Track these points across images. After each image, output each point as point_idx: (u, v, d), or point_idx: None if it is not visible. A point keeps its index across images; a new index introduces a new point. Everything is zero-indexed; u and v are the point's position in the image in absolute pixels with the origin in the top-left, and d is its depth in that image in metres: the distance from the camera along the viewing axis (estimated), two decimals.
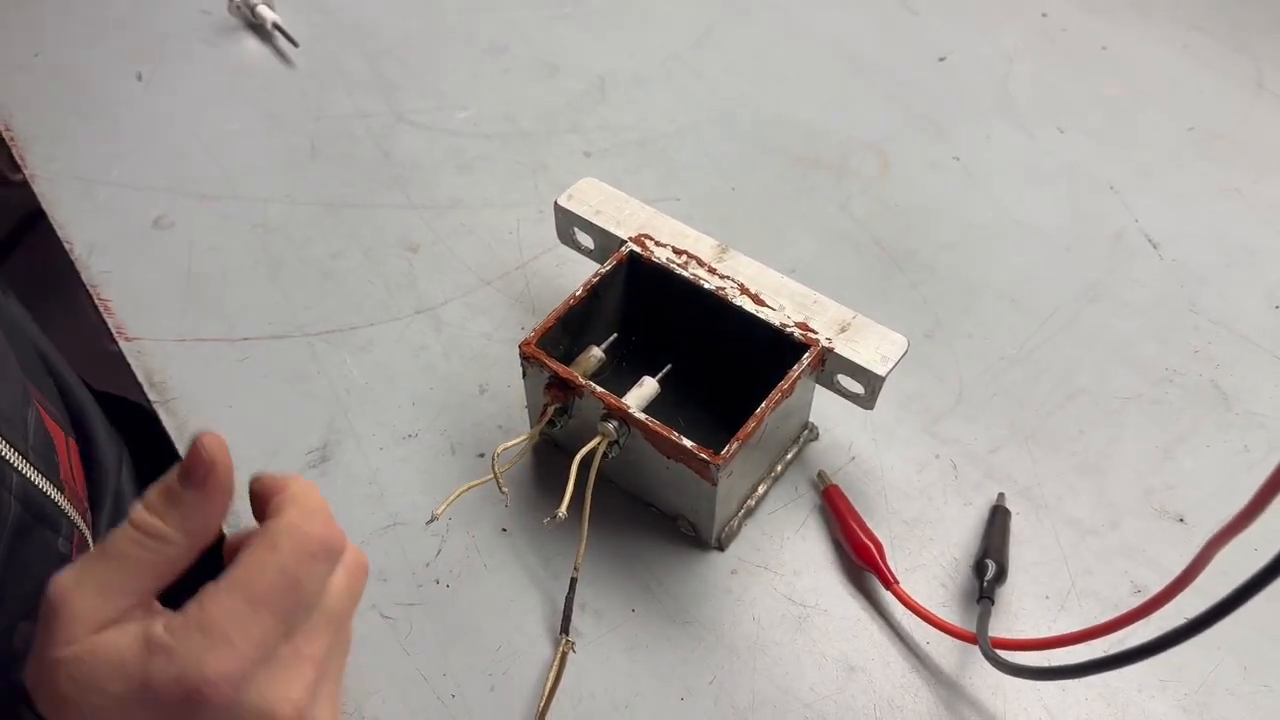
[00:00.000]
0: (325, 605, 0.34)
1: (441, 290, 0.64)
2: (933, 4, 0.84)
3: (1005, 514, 0.54)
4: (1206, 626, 0.36)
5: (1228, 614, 0.35)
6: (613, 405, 0.50)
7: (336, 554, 0.35)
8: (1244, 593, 0.34)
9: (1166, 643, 0.37)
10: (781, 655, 0.50)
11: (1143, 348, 0.62)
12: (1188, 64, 0.80)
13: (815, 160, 0.72)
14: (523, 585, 0.52)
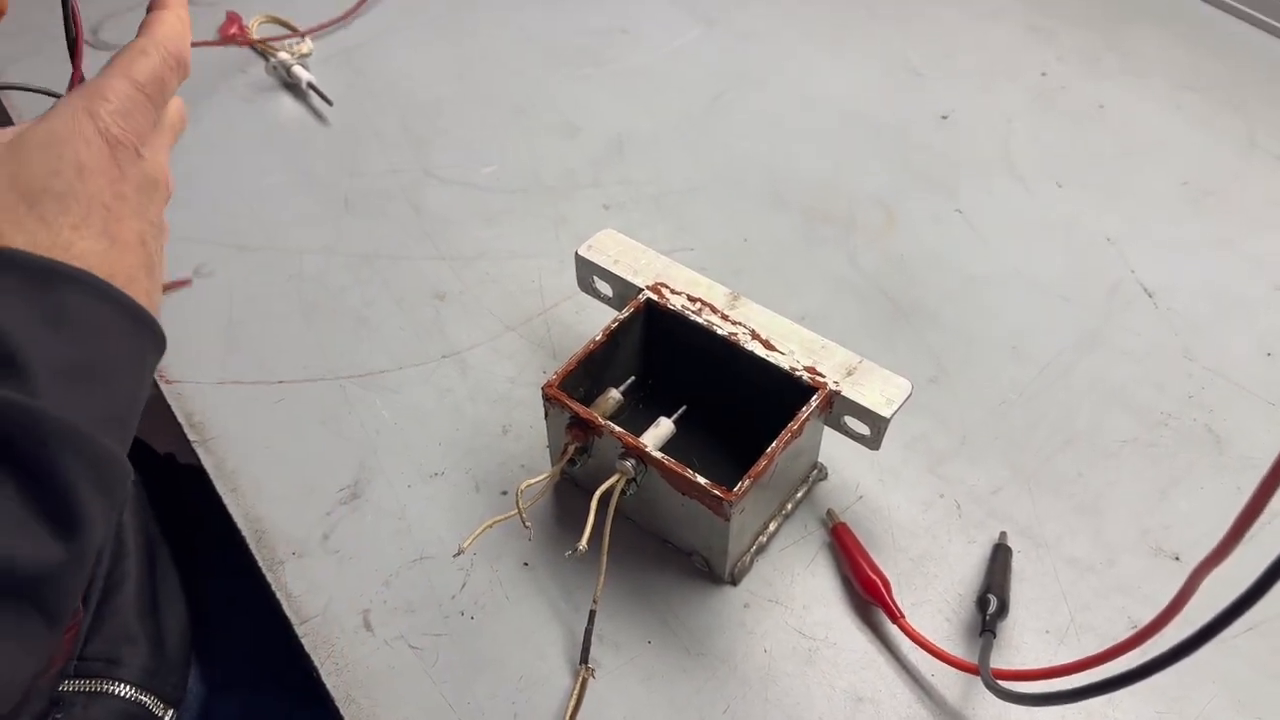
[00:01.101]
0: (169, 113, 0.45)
1: (468, 336, 0.67)
2: (936, 65, 0.88)
3: (1007, 551, 0.56)
4: (1190, 651, 0.38)
5: (1208, 640, 0.38)
6: (630, 444, 0.52)
7: (186, 72, 0.45)
8: (1222, 620, 0.37)
9: (1153, 668, 0.40)
10: (792, 686, 0.52)
11: (1139, 393, 0.64)
12: (1182, 122, 0.83)
13: (824, 214, 0.75)
14: (544, 617, 0.55)
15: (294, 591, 0.56)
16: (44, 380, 0.35)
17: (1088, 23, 0.92)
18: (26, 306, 0.36)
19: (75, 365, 0.37)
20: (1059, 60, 0.88)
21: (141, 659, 0.57)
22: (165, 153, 0.44)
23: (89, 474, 0.35)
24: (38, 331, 0.36)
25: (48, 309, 0.37)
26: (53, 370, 0.36)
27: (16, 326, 0.35)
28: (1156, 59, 0.89)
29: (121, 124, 0.41)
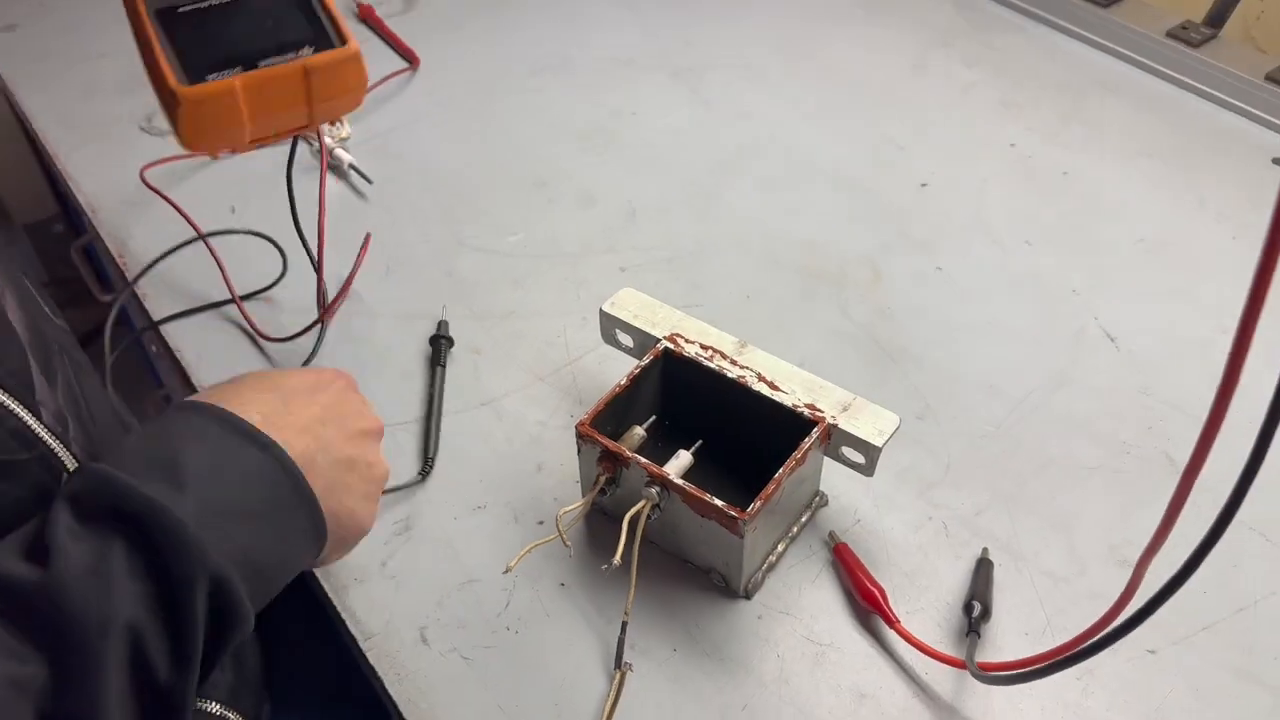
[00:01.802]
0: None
1: (502, 386, 0.75)
2: (915, 139, 0.97)
3: (989, 565, 0.64)
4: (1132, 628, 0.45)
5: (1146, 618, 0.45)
6: (655, 473, 0.60)
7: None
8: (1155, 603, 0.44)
9: (1105, 643, 0.47)
10: (802, 686, 0.59)
11: (1103, 425, 0.72)
12: (1139, 185, 0.92)
13: (817, 272, 0.84)
14: (580, 630, 0.61)
15: (358, 612, 0.63)
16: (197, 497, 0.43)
17: (1052, 98, 1.02)
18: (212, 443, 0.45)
19: (229, 504, 0.44)
20: (1027, 131, 0.98)
21: (227, 680, 0.64)
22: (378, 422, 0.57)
23: (223, 605, 0.43)
24: (211, 467, 0.44)
25: (226, 451, 0.45)
26: (209, 499, 0.43)
27: (193, 456, 0.44)
28: (1114, 130, 0.98)
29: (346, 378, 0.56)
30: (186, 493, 0.43)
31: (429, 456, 0.70)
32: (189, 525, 0.42)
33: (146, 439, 0.46)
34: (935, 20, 1.13)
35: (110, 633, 0.39)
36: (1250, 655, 0.60)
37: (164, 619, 0.41)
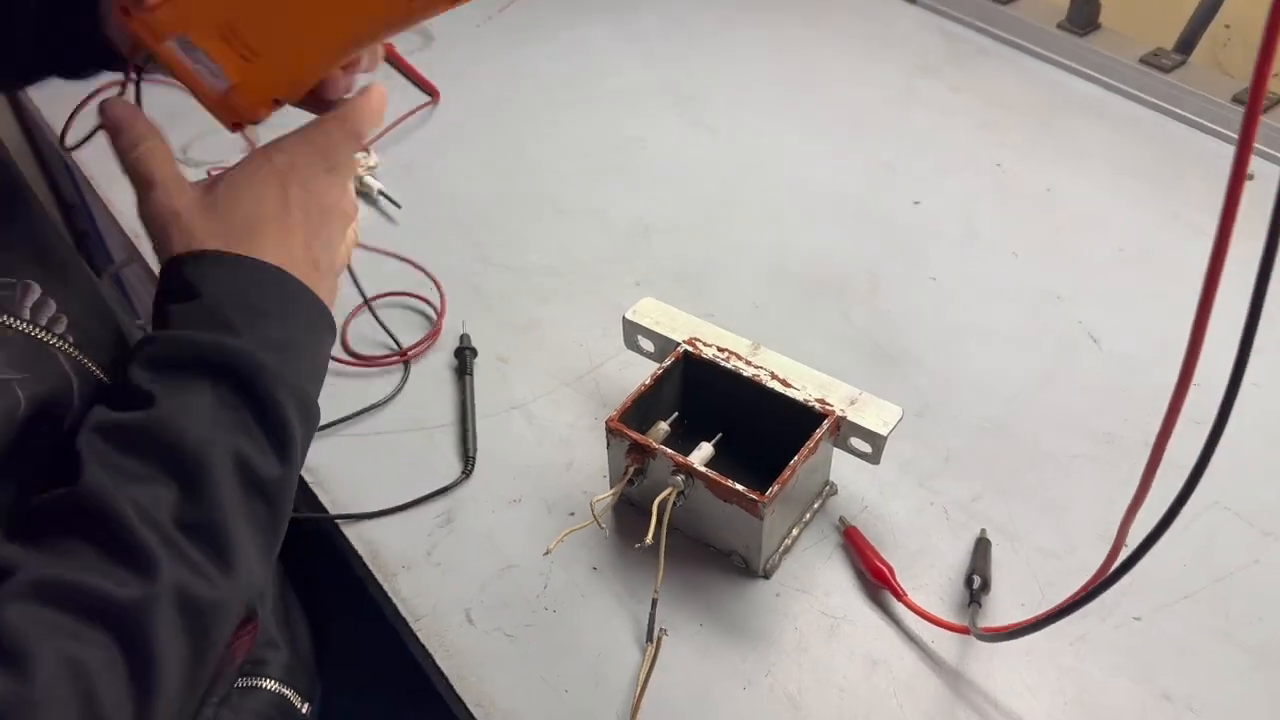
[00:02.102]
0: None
1: (530, 392, 0.81)
2: (909, 161, 1.04)
3: (987, 543, 0.69)
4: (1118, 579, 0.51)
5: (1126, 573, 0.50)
6: (680, 463, 0.66)
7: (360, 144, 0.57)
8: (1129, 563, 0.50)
9: (1089, 597, 0.52)
10: (819, 654, 0.64)
11: (1088, 418, 0.78)
12: (1116, 200, 0.98)
13: (820, 283, 0.90)
14: (613, 609, 0.67)
15: (407, 596, 0.68)
16: (251, 334, 0.49)
17: (1034, 120, 1.08)
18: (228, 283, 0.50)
19: (273, 335, 0.50)
20: (1011, 151, 1.04)
21: (282, 660, 0.69)
22: (338, 188, 0.56)
23: (298, 406, 0.49)
24: (242, 304, 0.50)
25: (244, 286, 0.50)
26: (261, 328, 0.50)
27: (221, 298, 0.49)
28: (1093, 150, 1.05)
29: (288, 163, 0.54)
30: (237, 329, 0.49)
31: (469, 456, 0.75)
32: (254, 354, 0.49)
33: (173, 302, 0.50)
34: (923, 50, 1.20)
35: (216, 456, 0.46)
36: (1227, 620, 0.66)
37: (262, 433, 0.49)
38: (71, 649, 0.41)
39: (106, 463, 0.45)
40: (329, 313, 0.54)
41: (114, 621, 0.42)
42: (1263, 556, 0.69)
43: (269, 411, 0.49)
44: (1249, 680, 0.63)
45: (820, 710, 0.61)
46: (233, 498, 0.47)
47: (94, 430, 0.46)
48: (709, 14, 1.27)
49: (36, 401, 0.48)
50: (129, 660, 0.42)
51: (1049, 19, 1.17)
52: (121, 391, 0.48)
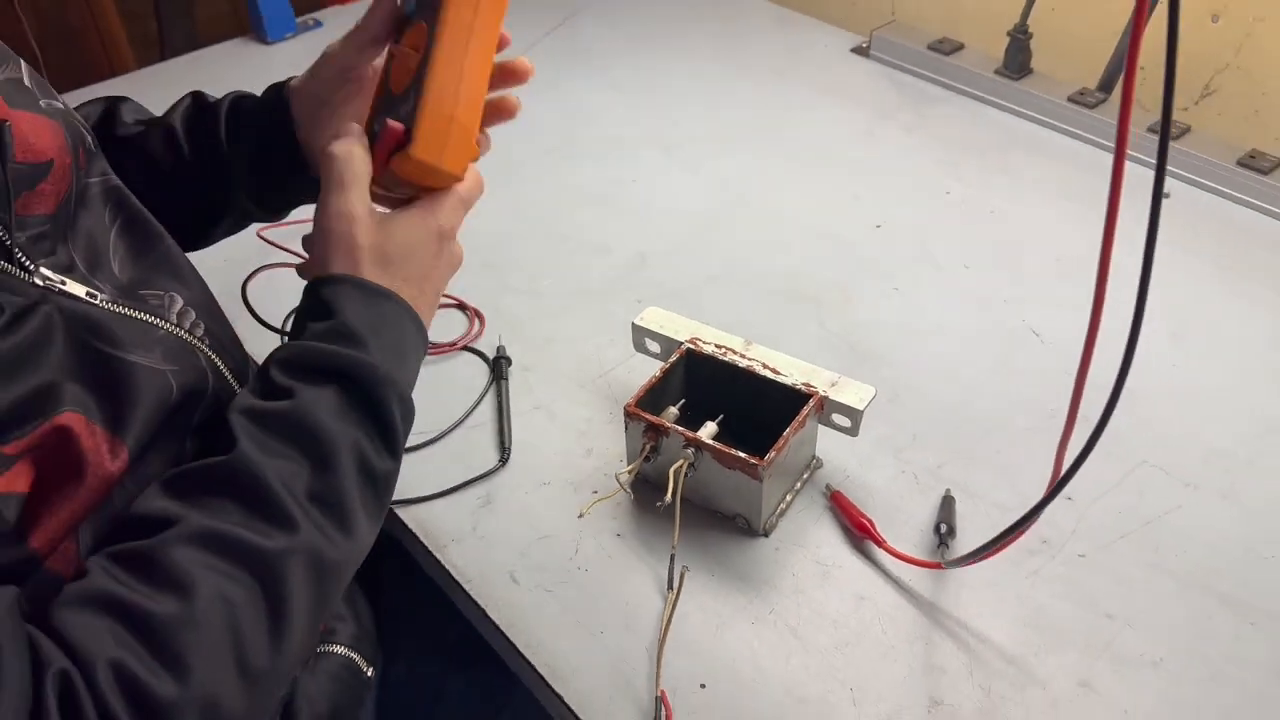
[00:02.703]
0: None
1: (551, 394, 0.92)
2: (870, 192, 1.17)
3: (951, 500, 0.81)
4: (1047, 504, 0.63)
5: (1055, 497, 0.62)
6: (690, 437, 0.77)
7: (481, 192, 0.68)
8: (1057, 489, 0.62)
9: (1030, 516, 0.64)
10: (814, 594, 0.76)
11: (1033, 398, 0.90)
12: (1053, 218, 1.12)
13: (798, 296, 1.03)
14: (636, 566, 0.78)
15: (457, 564, 0.79)
16: (375, 351, 0.59)
17: (978, 154, 1.23)
18: (362, 306, 0.60)
19: (391, 347, 0.61)
20: (958, 181, 1.18)
21: (349, 629, 0.79)
22: (459, 245, 0.68)
23: (403, 413, 0.60)
24: (369, 323, 0.60)
25: (373, 310, 0.61)
26: (381, 347, 0.60)
27: (354, 318, 0.60)
28: (1030, 177, 1.19)
29: (446, 224, 0.65)
30: (364, 344, 0.59)
31: (505, 447, 0.86)
32: (380, 368, 0.58)
33: (310, 318, 0.60)
34: (878, 97, 1.35)
35: (343, 444, 0.56)
36: (1157, 553, 0.78)
37: (377, 433, 0.58)
38: (225, 586, 0.50)
39: (255, 439, 0.54)
40: (426, 333, 0.65)
41: (259, 568, 0.52)
42: (1184, 503, 0.82)
43: (382, 414, 0.58)
44: (1176, 600, 0.75)
45: (817, 638, 0.73)
46: (353, 480, 0.56)
47: (242, 413, 0.56)
48: (683, 66, 1.42)
49: (183, 390, 0.59)
50: (268, 600, 0.52)
51: (987, 67, 1.32)
52: (263, 385, 0.58)
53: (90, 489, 0.54)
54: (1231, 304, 1.01)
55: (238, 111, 0.76)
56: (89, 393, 0.54)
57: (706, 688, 0.70)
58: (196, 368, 0.62)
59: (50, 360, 0.53)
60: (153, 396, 0.57)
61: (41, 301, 0.54)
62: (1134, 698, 0.69)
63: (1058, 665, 0.71)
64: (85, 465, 0.53)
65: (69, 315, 0.55)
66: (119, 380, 0.56)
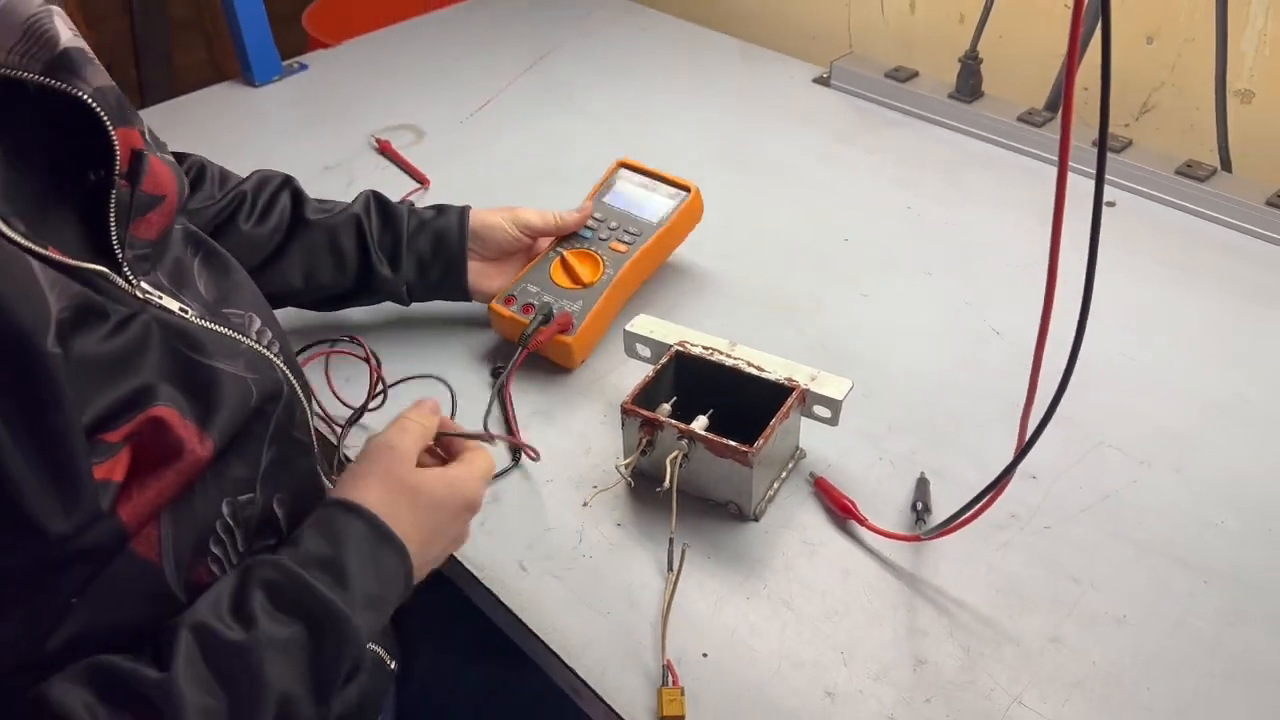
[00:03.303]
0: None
1: (549, 402, 0.98)
2: (837, 208, 1.25)
3: (926, 481, 0.87)
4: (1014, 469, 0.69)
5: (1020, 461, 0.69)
6: (683, 430, 0.83)
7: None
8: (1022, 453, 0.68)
9: (996, 483, 0.71)
10: (803, 570, 0.81)
11: (996, 390, 0.97)
12: (1007, 228, 1.20)
13: (775, 305, 1.09)
14: (636, 553, 0.83)
15: (469, 555, 0.84)
16: (358, 600, 0.64)
17: (935, 172, 1.31)
18: (367, 548, 0.66)
19: (375, 598, 0.65)
20: (918, 197, 1.26)
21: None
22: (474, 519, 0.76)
23: (351, 670, 0.63)
24: (366, 569, 0.65)
25: (376, 557, 0.67)
26: (364, 595, 0.64)
27: (354, 560, 0.65)
28: (984, 192, 1.27)
29: (475, 497, 0.74)
30: (350, 589, 0.63)
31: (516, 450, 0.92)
32: (352, 620, 0.62)
33: (317, 538, 0.65)
34: (841, 122, 1.43)
35: (272, 695, 0.58)
36: (1116, 524, 0.85)
37: (315, 689, 0.61)
38: None
39: (193, 668, 0.57)
40: (412, 587, 0.70)
41: None
42: (1139, 478, 0.89)
43: (330, 670, 0.61)
44: (1135, 564, 0.81)
45: (808, 608, 0.79)
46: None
47: (193, 630, 0.58)
48: (655, 98, 1.50)
49: (262, 395, 0.66)
50: None
51: (941, 91, 1.41)
52: (234, 598, 0.61)
53: (180, 473, 0.60)
54: (1176, 299, 1.09)
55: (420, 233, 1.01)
56: (181, 394, 0.61)
57: (709, 656, 0.75)
58: (273, 378, 0.69)
59: (148, 363, 0.60)
60: (236, 399, 0.64)
61: (141, 312, 0.61)
62: (1101, 650, 0.75)
63: (1029, 625, 0.77)
64: (180, 449, 0.59)
65: (163, 325, 0.62)
66: (207, 383, 0.63)
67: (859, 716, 0.71)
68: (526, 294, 1.03)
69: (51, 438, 0.53)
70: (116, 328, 0.58)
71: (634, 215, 1.09)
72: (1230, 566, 0.81)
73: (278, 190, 1.00)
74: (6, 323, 0.51)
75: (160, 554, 0.60)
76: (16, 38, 0.58)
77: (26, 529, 0.52)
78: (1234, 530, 0.84)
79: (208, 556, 0.64)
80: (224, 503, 0.64)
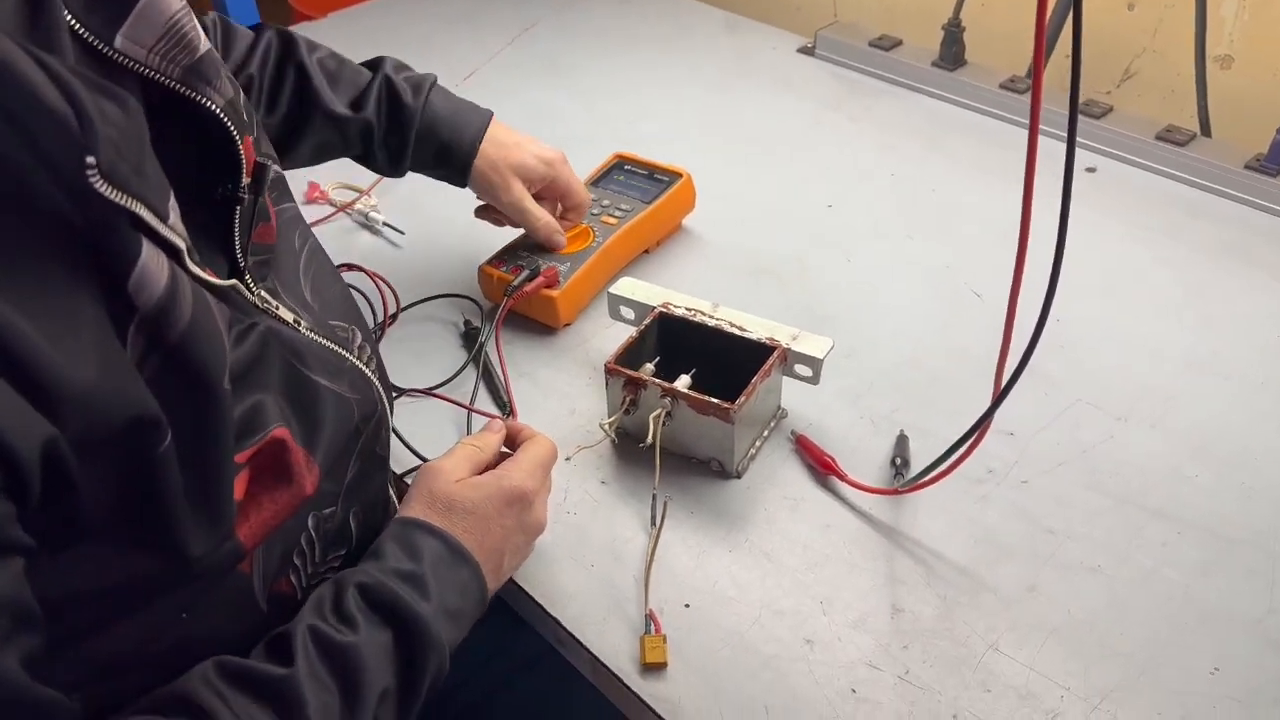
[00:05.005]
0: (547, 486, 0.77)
1: (533, 364, 0.99)
2: (820, 174, 1.26)
3: (905, 438, 0.89)
4: (989, 418, 0.71)
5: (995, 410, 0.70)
6: (666, 388, 0.84)
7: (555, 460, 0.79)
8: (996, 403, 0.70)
9: (974, 431, 0.72)
10: (784, 525, 0.83)
11: (975, 350, 0.98)
12: (987, 193, 1.21)
13: (760, 270, 1.10)
14: (620, 509, 0.85)
15: None
16: (438, 609, 0.65)
17: (918, 139, 1.32)
18: (443, 565, 0.67)
19: (454, 612, 0.66)
20: (901, 163, 1.27)
21: None
22: (544, 507, 0.77)
23: (434, 679, 0.64)
24: (444, 583, 0.66)
25: (453, 570, 0.68)
26: (443, 605, 0.65)
27: (431, 575, 0.66)
28: (966, 158, 1.28)
29: (519, 484, 0.73)
30: (431, 601, 0.65)
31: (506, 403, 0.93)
32: (432, 627, 0.63)
33: (397, 551, 0.67)
34: (825, 91, 1.44)
35: (375, 690, 0.60)
36: (1093, 476, 0.86)
37: (401, 687, 0.62)
38: None
39: (312, 666, 0.58)
40: (487, 601, 0.71)
41: None
42: (1115, 434, 0.90)
43: (417, 676, 0.63)
44: (1111, 515, 0.83)
45: (788, 560, 0.80)
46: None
47: (311, 633, 0.60)
48: (641, 70, 1.50)
49: (362, 417, 0.67)
50: None
51: (924, 59, 1.41)
52: (336, 603, 0.63)
53: (290, 499, 0.59)
54: (1154, 262, 1.10)
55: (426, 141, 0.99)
56: (291, 411, 0.60)
57: (691, 607, 0.77)
58: (371, 399, 0.69)
59: (266, 377, 0.59)
60: (338, 422, 0.63)
61: (259, 322, 0.59)
62: (1077, 598, 0.77)
63: (1006, 574, 0.78)
64: (291, 475, 0.59)
65: (278, 336, 0.61)
66: (315, 403, 0.62)
67: (837, 663, 0.73)
68: (517, 257, 1.04)
69: (209, 469, 0.53)
70: (240, 338, 0.57)
71: (626, 195, 1.12)
72: (1203, 518, 0.82)
73: (281, 65, 0.94)
74: (195, 362, 0.50)
75: (253, 567, 0.60)
76: (158, 36, 0.54)
77: (171, 551, 0.52)
78: (1207, 483, 0.85)
79: (290, 568, 0.64)
80: (310, 516, 0.65)
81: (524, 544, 0.76)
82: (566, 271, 1.01)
